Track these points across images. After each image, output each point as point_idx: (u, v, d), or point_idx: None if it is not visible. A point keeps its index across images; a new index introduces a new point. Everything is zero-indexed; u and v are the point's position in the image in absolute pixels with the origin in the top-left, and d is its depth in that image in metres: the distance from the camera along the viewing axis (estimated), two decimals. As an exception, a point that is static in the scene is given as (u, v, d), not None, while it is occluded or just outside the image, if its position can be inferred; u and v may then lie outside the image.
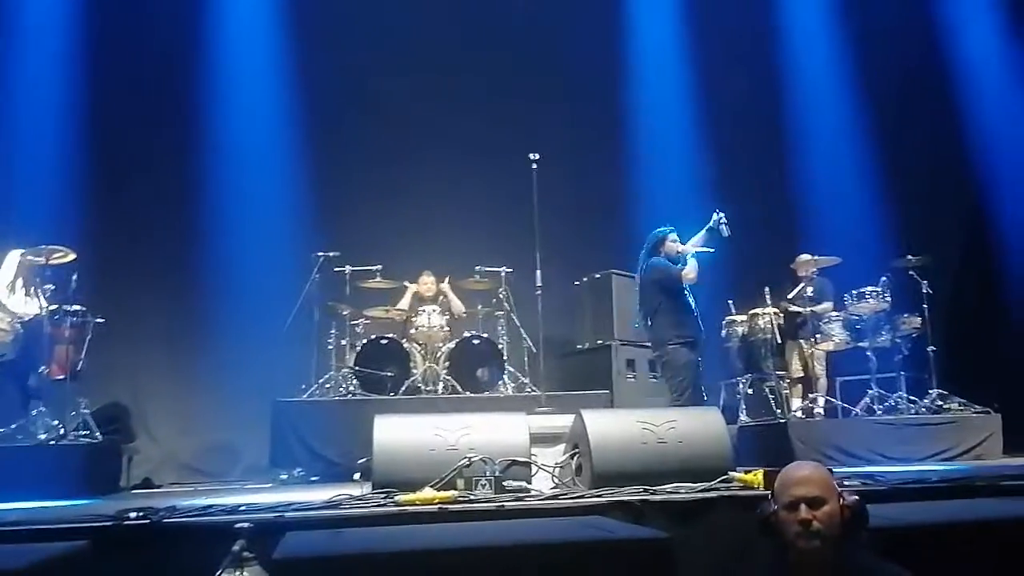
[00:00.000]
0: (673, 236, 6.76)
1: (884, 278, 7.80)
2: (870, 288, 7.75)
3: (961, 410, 7.43)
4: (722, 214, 6.76)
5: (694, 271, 6.58)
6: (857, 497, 2.58)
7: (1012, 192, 9.34)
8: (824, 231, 9.07)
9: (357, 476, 4.92)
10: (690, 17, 9.79)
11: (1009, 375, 8.07)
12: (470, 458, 4.28)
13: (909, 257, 7.94)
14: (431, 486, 4.09)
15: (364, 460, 4.67)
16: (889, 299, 7.75)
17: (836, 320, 7.99)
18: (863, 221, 9.25)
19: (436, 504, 3.85)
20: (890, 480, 4.40)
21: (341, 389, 7.56)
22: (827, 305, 8.16)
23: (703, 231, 6.84)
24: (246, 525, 2.61)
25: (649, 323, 6.67)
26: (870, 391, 7.70)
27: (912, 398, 7.65)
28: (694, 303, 6.67)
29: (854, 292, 7.84)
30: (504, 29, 9.36)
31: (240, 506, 3.96)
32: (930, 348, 7.80)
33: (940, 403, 7.52)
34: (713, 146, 9.45)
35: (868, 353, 7.85)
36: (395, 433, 4.47)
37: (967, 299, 8.88)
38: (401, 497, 3.92)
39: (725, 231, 6.74)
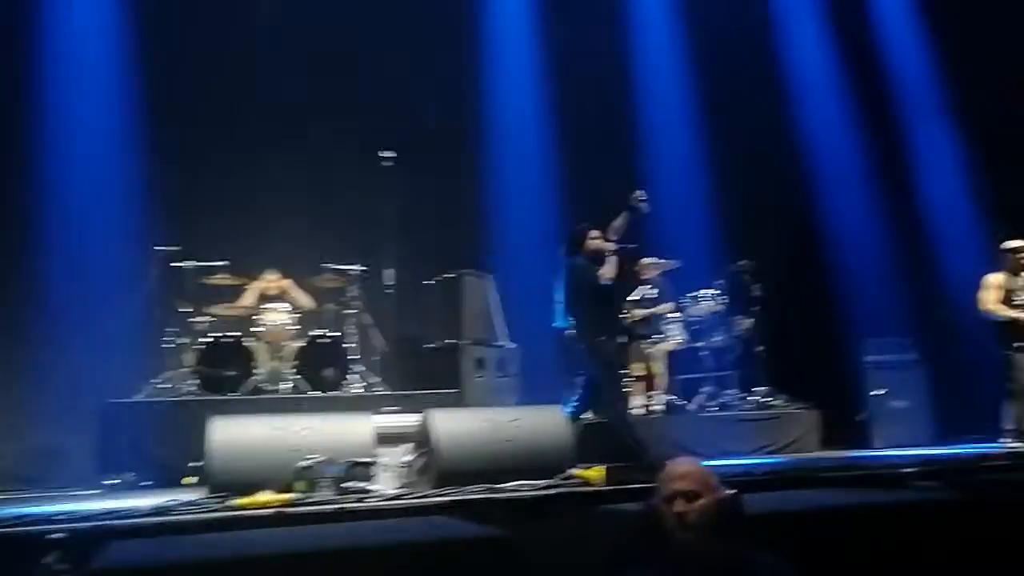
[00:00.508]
0: (594, 233, 6.66)
1: (720, 281, 8.23)
2: (707, 291, 8.17)
3: (785, 406, 7.94)
4: (640, 191, 6.66)
5: (613, 269, 6.54)
6: (734, 491, 2.69)
7: (835, 199, 10.08)
8: (665, 236, 9.45)
9: (190, 480, 4.72)
10: (542, 20, 9.95)
11: (826, 374, 8.67)
12: (311, 459, 4.20)
13: (742, 261, 8.41)
14: (269, 489, 3.98)
15: (198, 463, 4.49)
16: (724, 301, 8.19)
17: (676, 321, 8.36)
18: (700, 227, 9.71)
19: (274, 507, 3.75)
20: (720, 474, 4.61)
21: (179, 389, 7.23)
22: (667, 306, 8.50)
23: (624, 213, 6.70)
24: (60, 535, 2.46)
25: (574, 322, 6.62)
26: (705, 388, 8.12)
27: (743, 395, 8.11)
28: (615, 298, 6.74)
29: (692, 294, 8.24)
30: (361, 23, 9.20)
31: (58, 515, 3.71)
32: (759, 348, 8.30)
33: (767, 400, 8.01)
34: (564, 149, 9.65)
35: (704, 352, 8.28)
36: (232, 435, 4.33)
37: (791, 301, 9.48)
38: (237, 501, 3.79)
39: (645, 208, 6.62)
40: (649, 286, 8.52)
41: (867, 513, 3.21)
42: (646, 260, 8.62)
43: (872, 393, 8.12)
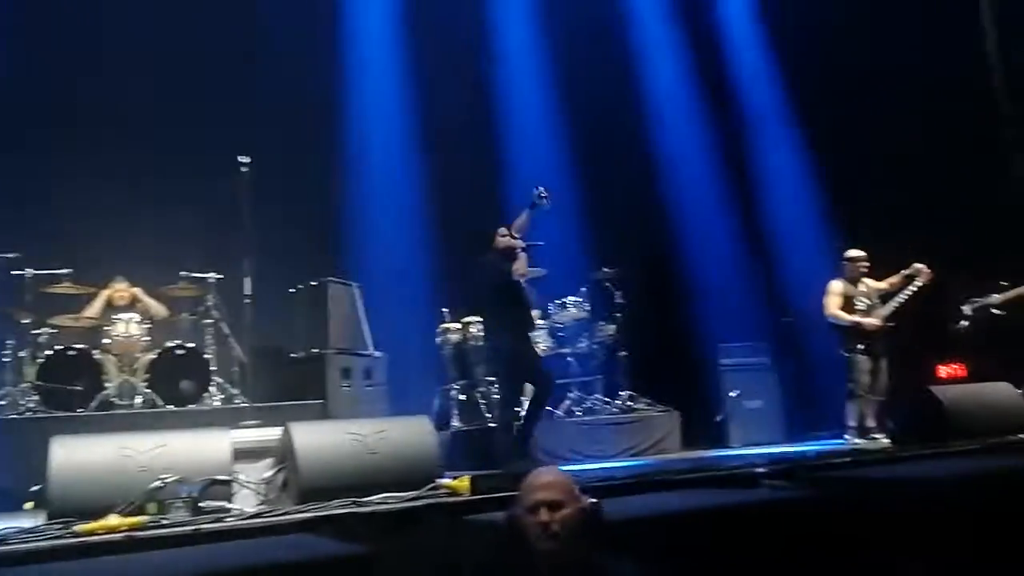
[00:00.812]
0: (502, 230, 6.58)
1: (584, 288, 8.41)
2: (571, 298, 8.33)
3: (647, 409, 8.19)
4: (540, 188, 6.58)
5: (524, 266, 6.47)
6: (595, 500, 2.72)
7: (691, 209, 10.49)
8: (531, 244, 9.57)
9: (29, 506, 4.39)
10: (406, 26, 9.89)
11: (686, 377, 9.01)
12: (164, 479, 3.99)
13: (604, 269, 8.62)
14: (117, 512, 3.75)
15: (38, 487, 4.18)
16: (588, 308, 8.37)
17: (542, 328, 8.46)
18: (565, 235, 9.89)
19: (122, 532, 3.54)
20: (581, 480, 4.69)
21: (19, 406, 6.75)
22: (534, 313, 8.59)
23: (526, 210, 6.63)
24: None
25: (486, 322, 6.62)
26: (570, 394, 8.26)
27: (607, 400, 8.30)
28: (526, 297, 6.63)
29: (557, 301, 8.37)
30: (214, 22, 8.86)
31: None
32: (622, 353, 8.53)
33: (630, 403, 8.24)
34: (428, 155, 9.62)
35: (569, 359, 8.43)
36: (75, 454, 4.05)
37: (652, 308, 9.79)
38: (81, 527, 3.56)
39: (546, 204, 6.55)
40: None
41: (723, 514, 3.33)
42: None
43: (728, 395, 8.48)
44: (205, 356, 7.41)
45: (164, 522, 3.78)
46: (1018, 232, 8.16)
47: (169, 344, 7.30)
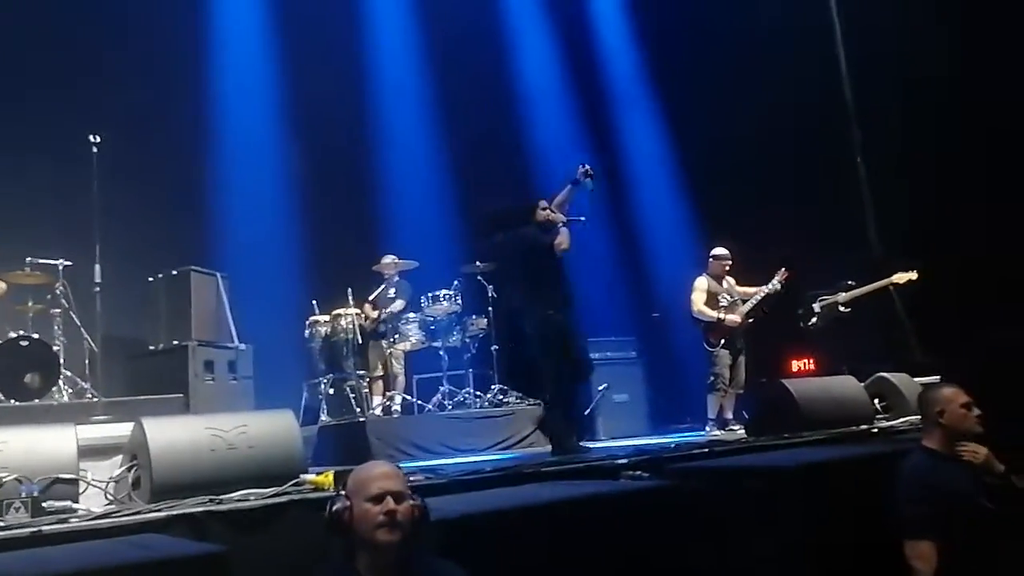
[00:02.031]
0: (543, 203, 6.34)
1: (456, 282, 8.41)
2: (444, 291, 8.31)
3: (518, 403, 8.25)
4: (587, 166, 6.34)
5: (567, 240, 6.24)
6: (420, 499, 2.70)
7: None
8: (404, 235, 9.50)
9: None
10: (278, 8, 9.62)
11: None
12: (2, 478, 3.73)
13: (477, 263, 8.65)
14: (-53, 515, 3.49)
15: None
16: (460, 302, 8.38)
17: (413, 321, 8.42)
18: (439, 228, 9.88)
19: (-48, 535, 3.28)
20: (450, 473, 4.70)
21: None
22: (399, 303, 8.52)
23: (567, 186, 6.39)
24: None
25: (521, 295, 6.28)
26: (442, 388, 8.26)
27: (478, 393, 8.34)
28: (565, 271, 6.37)
29: (430, 295, 8.35)
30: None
31: None
32: (493, 347, 8.58)
33: (500, 397, 8.29)
34: (300, 143, 9.39)
35: (441, 352, 8.42)
36: (-101, 455, 3.73)
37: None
38: (-96, 531, 3.28)
39: (590, 184, 6.32)
40: (385, 285, 8.53)
41: (583, 504, 3.40)
42: (388, 259, 8.63)
43: (596, 389, 8.66)
44: (53, 348, 6.98)
45: (0, 524, 3.53)
46: (861, 233, 8.69)
47: (13, 335, 6.83)
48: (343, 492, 2.70)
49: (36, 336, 6.87)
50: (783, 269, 7.75)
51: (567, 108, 11.08)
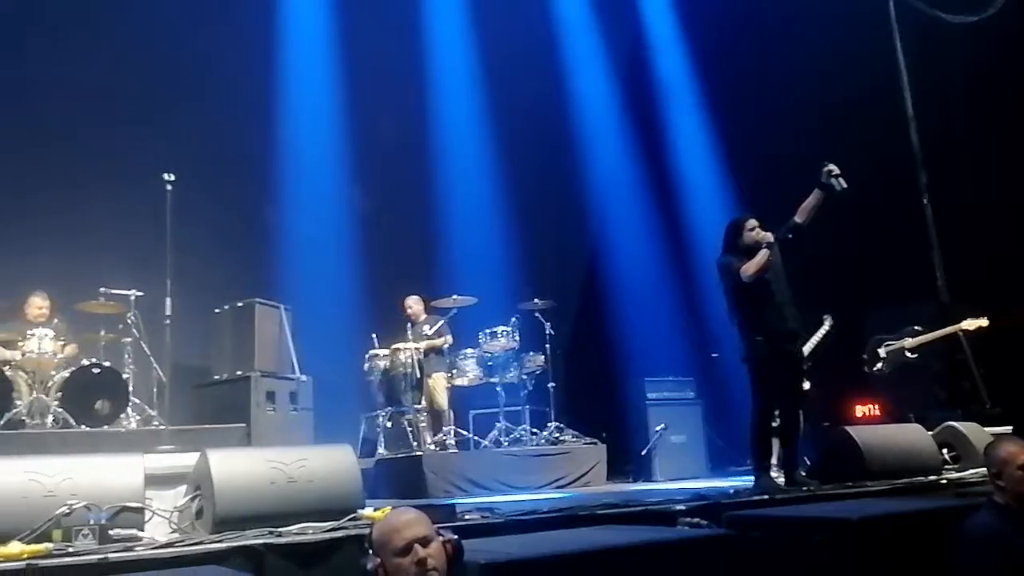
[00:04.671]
0: (751, 223, 5.93)
1: (514, 319, 8.44)
2: (502, 327, 8.35)
3: (574, 441, 8.22)
4: (831, 165, 5.80)
5: (755, 265, 5.72)
6: (455, 536, 2.68)
7: (619, 248, 10.68)
8: (463, 271, 9.60)
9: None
10: (341, 51, 9.89)
11: (613, 410, 9.09)
12: (71, 505, 3.84)
13: (536, 300, 8.68)
14: (19, 539, 3.60)
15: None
16: (518, 338, 8.40)
17: (471, 356, 8.47)
18: (497, 265, 9.95)
19: (23, 560, 3.39)
20: (506, 512, 4.69)
21: (-79, 425, 6.45)
22: (446, 339, 8.55)
23: (815, 191, 5.85)
24: None
25: (733, 322, 6.00)
26: (498, 424, 8.26)
27: (534, 430, 8.32)
28: (775, 293, 5.87)
29: (488, 331, 8.39)
30: (145, 38, 8.71)
31: None
32: (550, 384, 8.58)
33: (557, 435, 8.27)
34: (364, 181, 9.59)
35: (498, 388, 8.44)
36: (-25, 478, 3.88)
37: (581, 340, 9.90)
38: (-21, 555, 3.40)
39: (838, 185, 5.75)
40: (432, 321, 8.59)
41: (639, 551, 3.36)
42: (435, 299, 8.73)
43: (654, 429, 8.57)
44: (123, 376, 7.20)
45: (69, 550, 3.64)
46: (930, 278, 8.48)
47: (85, 362, 7.07)
48: (370, 550, 2.64)
49: (107, 364, 7.11)
50: (828, 318, 7.64)
51: (624, 140, 11.10)
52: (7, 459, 4.18)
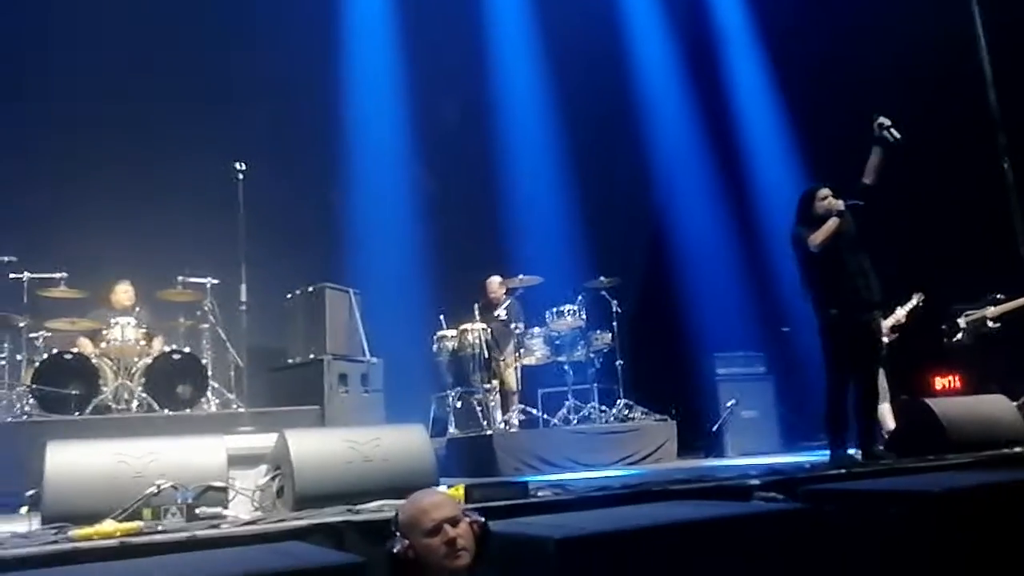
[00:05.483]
0: (823, 192, 5.78)
1: (580, 297, 8.43)
2: (568, 306, 8.33)
3: (643, 418, 8.19)
4: (882, 118, 5.70)
5: (823, 234, 5.60)
6: (481, 517, 2.69)
7: (686, 223, 10.53)
8: (529, 250, 9.62)
9: (24, 510, 4.39)
10: (403, 35, 9.95)
11: (682, 386, 9.03)
12: (159, 485, 4.00)
13: (601, 278, 8.64)
14: (112, 518, 3.76)
15: (33, 491, 4.19)
16: (584, 317, 8.38)
17: (538, 336, 8.49)
18: (562, 244, 9.94)
19: (117, 537, 3.54)
20: (578, 489, 4.71)
21: (15, 409, 6.76)
22: (520, 325, 8.59)
23: (874, 148, 5.71)
24: None
25: (807, 295, 5.89)
26: (567, 402, 8.27)
27: (603, 408, 8.31)
28: (848, 263, 5.70)
29: (554, 310, 8.39)
30: (215, 31, 8.91)
31: None
32: (618, 362, 8.55)
33: (626, 412, 8.25)
34: (427, 163, 9.66)
35: (566, 367, 8.44)
36: (71, 460, 4.06)
37: (649, 317, 9.82)
38: (75, 532, 3.56)
39: (891, 136, 5.63)
40: (506, 302, 8.62)
41: (713, 526, 3.33)
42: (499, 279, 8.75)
43: (724, 404, 8.48)
44: (202, 361, 7.43)
45: (159, 528, 3.79)
46: (1011, 243, 8.15)
47: (166, 348, 7.31)
48: (397, 532, 2.66)
49: (187, 350, 7.34)
50: (919, 294, 7.42)
51: (689, 109, 10.92)
52: (97, 442, 4.37)
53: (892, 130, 5.63)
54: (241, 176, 6.57)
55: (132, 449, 4.15)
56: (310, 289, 8.27)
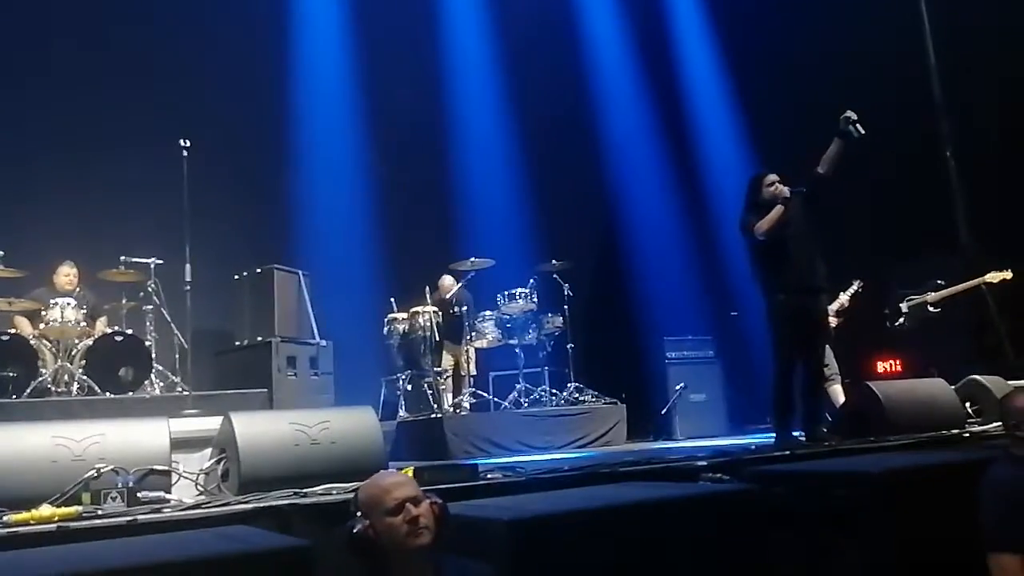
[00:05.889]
0: (770, 178, 5.81)
1: (532, 280, 8.43)
2: (520, 289, 8.34)
3: (593, 401, 8.24)
4: (849, 112, 5.70)
5: (768, 222, 5.64)
6: (439, 499, 2.68)
7: (637, 207, 10.59)
8: (480, 234, 9.58)
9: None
10: (356, 17, 9.81)
11: (632, 369, 9.10)
12: (99, 468, 3.90)
13: (553, 262, 8.66)
14: (50, 502, 3.66)
15: (-33, 477, 4.05)
16: (536, 300, 8.40)
17: (489, 319, 8.48)
18: (514, 227, 9.93)
19: (55, 522, 3.44)
20: (528, 471, 4.72)
21: (-51, 393, 6.55)
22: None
23: (835, 140, 5.73)
24: None
25: (755, 280, 5.96)
26: (518, 385, 8.29)
27: (554, 391, 8.34)
28: (795, 249, 5.73)
29: (506, 293, 8.38)
30: (162, 8, 8.69)
31: None
32: (569, 345, 8.58)
33: (576, 395, 8.29)
34: (378, 147, 9.55)
35: (517, 350, 8.46)
36: (8, 443, 3.92)
37: (600, 301, 9.87)
38: (11, 517, 3.46)
39: (856, 131, 5.66)
40: (455, 290, 8.60)
41: (662, 506, 3.37)
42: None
43: (674, 388, 8.58)
44: (146, 343, 7.27)
45: (99, 512, 3.70)
46: (952, 230, 8.37)
47: (108, 330, 7.14)
48: (358, 512, 2.65)
49: (130, 332, 7.18)
50: (859, 280, 7.57)
51: (641, 96, 10.97)
52: (35, 425, 4.25)
53: (857, 125, 5.68)
54: (185, 153, 6.40)
55: (71, 432, 4.03)
56: (258, 270, 8.13)
